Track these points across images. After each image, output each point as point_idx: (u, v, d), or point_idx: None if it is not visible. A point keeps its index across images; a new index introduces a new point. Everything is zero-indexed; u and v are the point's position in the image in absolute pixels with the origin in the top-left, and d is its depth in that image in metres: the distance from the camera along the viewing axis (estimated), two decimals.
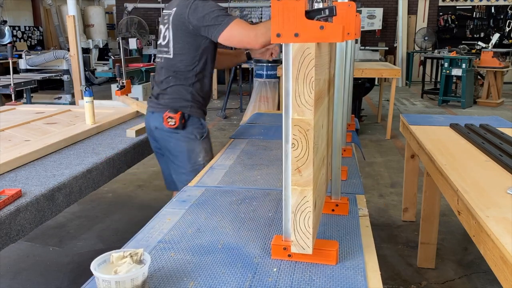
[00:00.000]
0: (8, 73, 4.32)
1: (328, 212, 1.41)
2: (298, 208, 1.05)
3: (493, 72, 8.12)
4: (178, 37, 2.00)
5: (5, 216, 1.37)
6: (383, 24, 11.41)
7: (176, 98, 2.06)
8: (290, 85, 0.99)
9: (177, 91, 2.06)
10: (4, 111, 2.88)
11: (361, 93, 6.20)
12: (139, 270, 0.94)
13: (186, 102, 2.07)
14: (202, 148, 2.12)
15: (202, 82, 2.09)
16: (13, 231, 1.41)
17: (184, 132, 2.08)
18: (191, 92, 2.07)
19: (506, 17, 11.22)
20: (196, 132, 2.10)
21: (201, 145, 2.12)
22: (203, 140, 2.13)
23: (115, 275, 0.93)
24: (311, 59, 0.96)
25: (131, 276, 0.92)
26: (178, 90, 2.06)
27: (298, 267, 1.08)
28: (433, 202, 2.56)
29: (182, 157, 2.11)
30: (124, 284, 0.92)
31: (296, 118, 1.00)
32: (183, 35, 1.98)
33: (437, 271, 2.63)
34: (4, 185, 1.60)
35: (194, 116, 2.09)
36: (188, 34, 1.97)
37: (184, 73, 2.04)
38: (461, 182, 1.67)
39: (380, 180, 4.24)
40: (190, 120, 2.09)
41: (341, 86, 1.39)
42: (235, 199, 1.55)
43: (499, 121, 2.78)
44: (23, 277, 2.57)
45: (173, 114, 2.03)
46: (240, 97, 7.81)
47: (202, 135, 2.12)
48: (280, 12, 0.93)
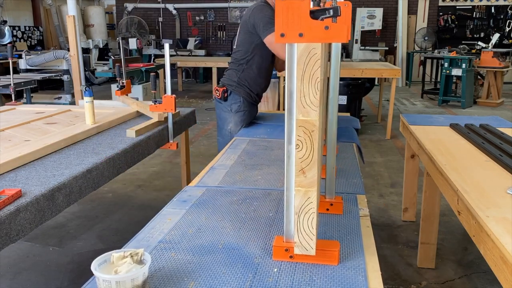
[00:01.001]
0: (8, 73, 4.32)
1: (323, 212, 1.41)
2: (302, 210, 1.05)
3: (493, 72, 8.12)
4: (241, 34, 2.60)
5: (5, 216, 1.37)
6: (383, 24, 11.41)
7: (227, 78, 2.69)
8: (295, 85, 0.99)
9: (229, 74, 2.69)
10: (4, 111, 2.88)
11: (361, 93, 6.20)
12: (139, 270, 0.94)
13: (232, 82, 2.65)
14: (232, 119, 2.67)
15: (250, 70, 2.62)
16: (13, 231, 1.41)
17: (225, 104, 2.67)
18: (238, 76, 2.64)
19: (506, 17, 11.22)
20: (232, 106, 2.65)
21: (233, 117, 2.67)
22: (236, 113, 2.66)
23: (116, 275, 0.93)
24: (317, 59, 0.96)
25: (132, 276, 0.93)
26: (230, 73, 2.69)
27: (298, 267, 1.08)
28: (433, 202, 2.56)
29: (219, 122, 2.75)
30: (125, 284, 0.92)
31: (301, 119, 1.00)
32: (244, 32, 2.56)
33: (437, 271, 2.63)
34: (4, 185, 1.60)
35: (235, 94, 2.64)
36: (247, 32, 2.53)
37: (238, 61, 2.63)
38: (461, 182, 1.67)
39: (380, 180, 4.24)
40: (231, 96, 2.65)
41: (336, 86, 1.39)
42: (235, 199, 1.55)
43: (499, 121, 2.78)
44: (23, 277, 2.57)
45: (219, 88, 2.67)
46: None
47: (237, 110, 2.65)
48: (284, 11, 0.93)
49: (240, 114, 2.67)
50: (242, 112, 2.67)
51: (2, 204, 1.40)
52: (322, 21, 0.94)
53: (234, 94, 2.65)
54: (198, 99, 9.19)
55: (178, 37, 12.49)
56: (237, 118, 2.67)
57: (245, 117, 2.72)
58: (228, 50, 12.09)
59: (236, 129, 2.68)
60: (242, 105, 2.66)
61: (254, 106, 2.77)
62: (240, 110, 2.66)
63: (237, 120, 2.68)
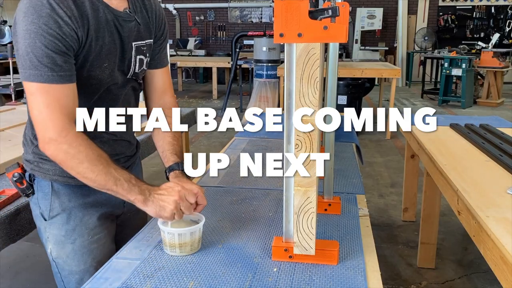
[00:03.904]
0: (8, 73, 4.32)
1: (321, 212, 1.41)
2: (301, 209, 1.05)
3: (493, 72, 8.11)
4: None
5: (5, 216, 1.37)
6: (383, 24, 11.40)
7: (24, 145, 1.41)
8: (294, 85, 0.99)
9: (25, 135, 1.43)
10: (4, 111, 2.88)
11: (361, 93, 6.20)
12: (196, 226, 1.15)
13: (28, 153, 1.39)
14: (50, 234, 1.36)
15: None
16: (13, 231, 1.41)
17: (32, 202, 1.36)
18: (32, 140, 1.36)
19: (506, 17, 11.21)
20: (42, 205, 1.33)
21: (48, 229, 1.35)
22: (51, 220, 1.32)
23: (178, 229, 1.13)
24: (316, 59, 0.96)
25: (191, 230, 1.14)
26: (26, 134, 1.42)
27: (298, 267, 1.08)
28: (433, 202, 2.56)
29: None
30: (185, 236, 1.13)
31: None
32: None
33: (437, 271, 2.63)
34: (4, 185, 1.60)
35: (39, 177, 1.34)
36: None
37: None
38: (461, 182, 1.67)
39: (380, 180, 4.24)
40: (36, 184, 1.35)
41: (334, 86, 1.39)
42: (235, 199, 1.55)
43: (499, 121, 2.78)
44: (23, 277, 2.57)
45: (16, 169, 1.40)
46: (240, 97, 7.81)
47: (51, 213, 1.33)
48: (284, 11, 0.93)
49: (60, 220, 1.29)
50: (65, 216, 1.29)
51: (2, 204, 1.40)
52: (321, 21, 0.94)
53: (38, 179, 1.29)
54: (198, 99, 9.19)
55: (178, 37, 12.49)
56: (55, 231, 1.30)
57: (78, 223, 1.29)
58: (228, 50, 12.09)
59: (63, 253, 1.30)
60: (55, 199, 1.28)
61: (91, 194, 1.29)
62: (55, 212, 1.29)
63: (58, 235, 1.30)
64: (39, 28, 1.04)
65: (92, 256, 1.32)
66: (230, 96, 7.93)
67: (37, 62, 1.05)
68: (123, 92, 1.31)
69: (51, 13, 1.05)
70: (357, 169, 1.90)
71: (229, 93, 7.60)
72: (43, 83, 1.06)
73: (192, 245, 1.15)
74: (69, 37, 1.08)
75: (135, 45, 1.27)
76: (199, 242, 1.18)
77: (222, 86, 9.86)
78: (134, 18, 1.26)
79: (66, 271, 1.32)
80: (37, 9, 1.04)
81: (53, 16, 1.05)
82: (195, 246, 1.16)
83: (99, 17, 1.15)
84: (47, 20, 1.05)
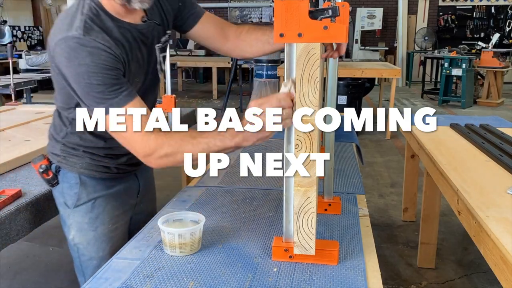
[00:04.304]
0: (8, 73, 4.32)
1: (321, 212, 1.41)
2: (302, 209, 1.05)
3: (493, 72, 8.11)
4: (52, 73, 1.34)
5: (5, 216, 1.37)
6: (383, 24, 11.40)
7: (50, 139, 1.52)
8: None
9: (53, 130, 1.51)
10: (4, 111, 2.88)
11: (361, 93, 6.19)
12: (196, 226, 1.16)
13: (56, 147, 1.48)
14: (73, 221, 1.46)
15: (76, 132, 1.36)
16: (13, 231, 1.41)
17: (56, 191, 1.45)
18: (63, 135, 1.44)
19: (506, 17, 11.21)
20: (66, 195, 1.43)
21: (71, 216, 1.45)
22: (75, 209, 1.43)
23: (178, 229, 1.14)
24: (316, 59, 0.96)
25: (191, 230, 1.15)
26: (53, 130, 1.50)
27: (298, 267, 1.08)
28: (433, 202, 2.56)
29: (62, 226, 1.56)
30: (185, 237, 1.13)
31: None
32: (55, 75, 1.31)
33: (437, 271, 2.63)
34: (4, 185, 1.60)
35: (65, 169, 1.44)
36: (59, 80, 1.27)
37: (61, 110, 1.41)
38: (461, 182, 1.67)
39: (380, 180, 4.24)
40: (62, 175, 1.45)
41: (334, 86, 1.39)
42: (235, 199, 1.55)
43: (499, 121, 2.78)
44: (23, 277, 2.57)
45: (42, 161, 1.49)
46: (240, 97, 7.81)
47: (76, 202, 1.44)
48: (284, 11, 0.93)
49: (84, 209, 1.39)
50: (89, 205, 1.39)
51: (2, 204, 1.40)
52: (321, 21, 0.94)
53: (64, 171, 1.39)
54: (198, 99, 9.19)
55: (178, 37, 12.48)
56: (79, 218, 1.40)
57: (101, 211, 1.40)
58: None
59: (84, 240, 1.41)
60: (82, 189, 1.38)
61: (123, 180, 1.45)
62: (81, 201, 1.39)
63: (82, 222, 1.40)
64: (87, 68, 1.09)
65: (111, 244, 1.41)
66: (230, 96, 7.93)
67: (99, 97, 1.11)
68: (151, 89, 1.40)
69: (92, 50, 1.10)
70: (357, 169, 1.90)
71: (229, 93, 7.60)
72: (109, 112, 1.10)
73: (192, 245, 1.15)
74: (116, 64, 1.14)
75: (158, 46, 1.34)
76: (199, 242, 1.18)
77: (222, 86, 9.85)
78: (153, 22, 1.30)
79: (86, 256, 1.41)
80: (78, 51, 1.10)
81: (95, 53, 1.10)
82: (195, 246, 1.16)
83: (127, 38, 1.21)
84: (91, 59, 1.10)
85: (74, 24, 1.12)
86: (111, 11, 1.19)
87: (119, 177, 1.44)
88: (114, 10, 1.20)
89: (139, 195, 1.54)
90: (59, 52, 1.13)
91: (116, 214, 1.44)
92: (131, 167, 1.43)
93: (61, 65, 1.14)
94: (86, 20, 1.13)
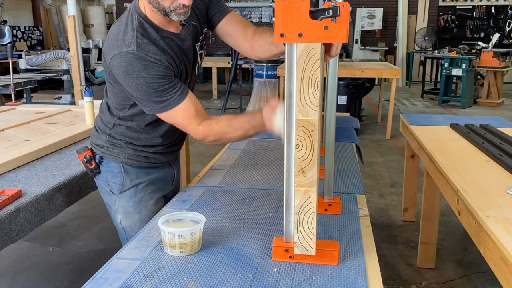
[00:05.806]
0: (8, 73, 4.32)
1: (321, 212, 1.41)
2: (302, 209, 1.05)
3: (493, 72, 8.11)
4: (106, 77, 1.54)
5: (5, 216, 1.37)
6: (383, 24, 11.40)
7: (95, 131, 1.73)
8: (294, 85, 0.99)
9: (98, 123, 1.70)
10: (4, 111, 2.88)
11: (361, 93, 6.19)
12: (196, 226, 1.16)
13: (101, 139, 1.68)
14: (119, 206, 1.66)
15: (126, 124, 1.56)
16: (13, 231, 1.41)
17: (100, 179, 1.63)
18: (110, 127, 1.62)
19: (506, 17, 11.21)
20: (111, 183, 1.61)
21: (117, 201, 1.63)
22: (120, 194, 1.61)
23: (179, 229, 1.15)
24: (317, 59, 0.96)
25: (191, 230, 1.15)
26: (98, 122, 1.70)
27: (298, 267, 1.08)
28: (433, 202, 2.56)
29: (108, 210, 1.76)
30: (185, 237, 1.13)
31: (301, 119, 1.00)
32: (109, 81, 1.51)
33: (437, 271, 2.63)
34: (4, 185, 1.60)
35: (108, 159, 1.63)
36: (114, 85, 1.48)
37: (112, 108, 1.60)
38: (461, 182, 1.67)
39: (380, 180, 4.24)
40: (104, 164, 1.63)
41: (334, 86, 1.39)
42: (235, 199, 1.55)
43: (499, 121, 2.78)
44: (23, 277, 2.57)
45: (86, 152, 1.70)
46: (240, 97, 7.81)
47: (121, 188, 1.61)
48: (284, 12, 0.93)
49: (129, 194, 1.56)
50: (133, 190, 1.56)
51: (2, 204, 1.40)
52: (322, 21, 0.94)
53: (107, 161, 1.56)
54: (198, 99, 9.17)
55: None
56: (124, 203, 1.57)
57: (144, 195, 1.58)
58: (228, 50, 12.07)
59: (131, 222, 1.58)
60: (126, 177, 1.55)
61: (160, 169, 1.63)
62: (126, 187, 1.56)
63: (127, 206, 1.57)
64: (145, 80, 1.29)
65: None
66: (230, 96, 7.92)
67: (158, 100, 1.33)
68: (194, 82, 1.59)
69: (147, 64, 1.28)
70: (357, 169, 1.90)
71: (229, 93, 7.60)
72: (169, 110, 1.35)
73: (193, 245, 1.15)
74: (167, 72, 1.32)
75: (197, 45, 1.49)
76: (199, 242, 1.18)
77: (222, 86, 9.85)
78: (191, 23, 1.44)
79: (133, 231, 1.56)
80: (134, 65, 1.28)
81: (149, 65, 1.29)
82: (195, 247, 1.16)
83: (172, 47, 1.37)
84: (147, 72, 1.29)
85: (126, 39, 1.30)
86: (155, 22, 1.35)
87: (157, 166, 1.62)
88: (158, 21, 1.35)
89: (174, 181, 1.73)
90: (116, 66, 1.31)
91: (156, 197, 1.62)
92: (166, 156, 1.63)
93: (118, 76, 1.33)
94: (138, 35, 1.30)
